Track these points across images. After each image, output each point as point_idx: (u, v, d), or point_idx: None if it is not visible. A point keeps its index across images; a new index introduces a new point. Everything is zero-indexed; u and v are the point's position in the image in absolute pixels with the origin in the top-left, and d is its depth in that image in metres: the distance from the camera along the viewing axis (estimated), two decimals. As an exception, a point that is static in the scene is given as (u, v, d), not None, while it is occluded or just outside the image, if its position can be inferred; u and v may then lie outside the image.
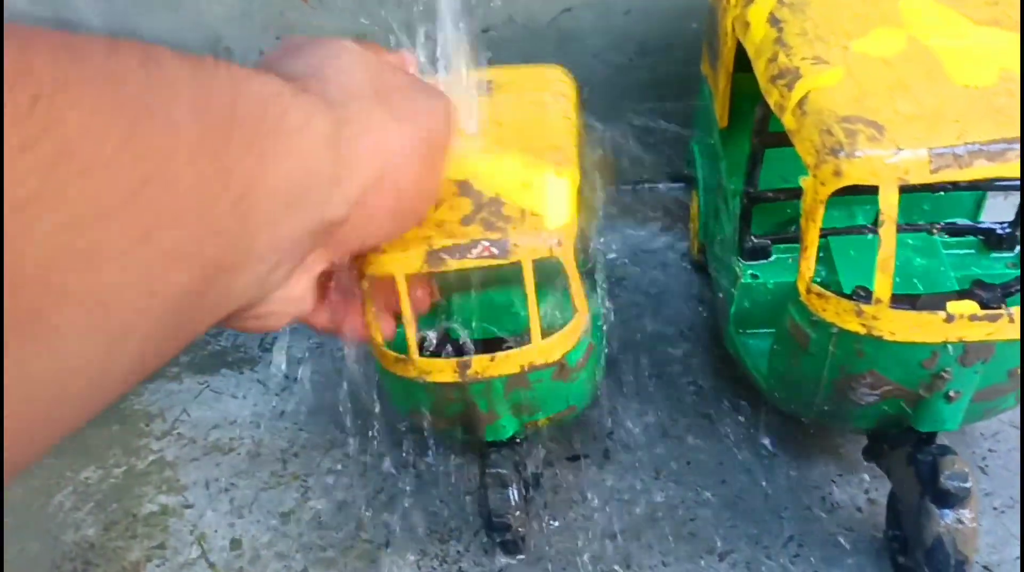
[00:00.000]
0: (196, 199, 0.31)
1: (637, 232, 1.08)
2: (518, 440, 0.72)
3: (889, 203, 0.56)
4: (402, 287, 0.57)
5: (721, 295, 0.83)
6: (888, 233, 0.56)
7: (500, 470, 0.70)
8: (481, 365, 0.62)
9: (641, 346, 0.94)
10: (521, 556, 0.78)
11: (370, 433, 0.86)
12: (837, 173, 0.56)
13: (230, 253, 0.34)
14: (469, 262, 0.58)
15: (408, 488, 0.82)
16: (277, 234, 0.37)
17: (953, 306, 0.58)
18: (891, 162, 0.56)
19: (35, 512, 0.84)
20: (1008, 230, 0.76)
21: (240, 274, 0.36)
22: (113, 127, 0.27)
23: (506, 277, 0.64)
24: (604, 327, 0.73)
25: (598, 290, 0.80)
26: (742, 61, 0.74)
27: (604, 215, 1.10)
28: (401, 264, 0.57)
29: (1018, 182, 0.59)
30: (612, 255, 1.05)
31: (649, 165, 1.13)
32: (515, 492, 0.71)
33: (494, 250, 0.58)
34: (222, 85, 0.33)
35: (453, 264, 0.57)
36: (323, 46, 0.48)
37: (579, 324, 0.64)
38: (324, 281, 0.51)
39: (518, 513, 0.72)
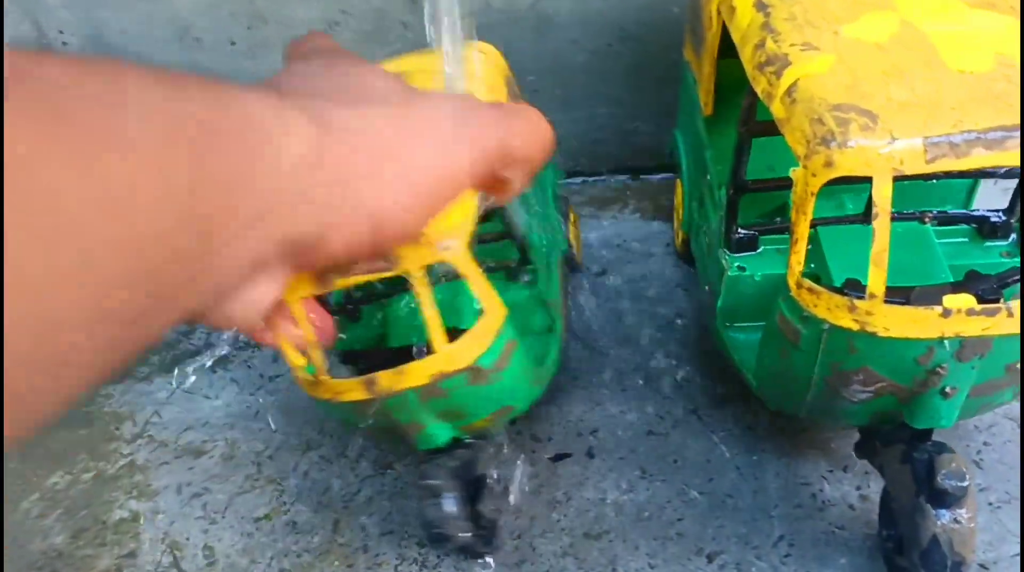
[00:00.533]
0: (151, 224, 0.29)
1: (620, 222, 1.05)
2: (464, 443, 0.69)
3: (883, 195, 0.53)
4: (298, 312, 0.54)
5: (707, 288, 0.80)
6: (882, 226, 0.53)
7: (430, 481, 0.67)
8: (388, 380, 0.59)
9: (625, 340, 0.92)
10: (489, 560, 0.76)
11: (347, 433, 0.84)
12: (829, 164, 0.54)
13: (186, 271, 0.32)
14: (357, 278, 0.55)
15: (387, 490, 0.80)
16: (239, 252, 0.35)
17: (950, 300, 0.56)
18: (885, 152, 0.53)
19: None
20: (1002, 218, 0.74)
21: (196, 288, 0.34)
22: (61, 153, 0.26)
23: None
24: (565, 316, 0.70)
25: (559, 279, 0.77)
26: (727, 47, 0.72)
27: (586, 205, 1.08)
28: (291, 288, 0.53)
29: (1016, 170, 0.56)
30: (594, 246, 1.02)
31: (631, 153, 1.10)
32: (451, 502, 0.68)
33: (379, 262, 0.54)
34: (197, 108, 0.31)
35: (339, 282, 0.53)
36: (357, 65, 0.44)
37: (488, 326, 0.60)
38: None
39: (458, 522, 0.69)
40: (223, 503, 0.81)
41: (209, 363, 0.93)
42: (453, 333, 0.61)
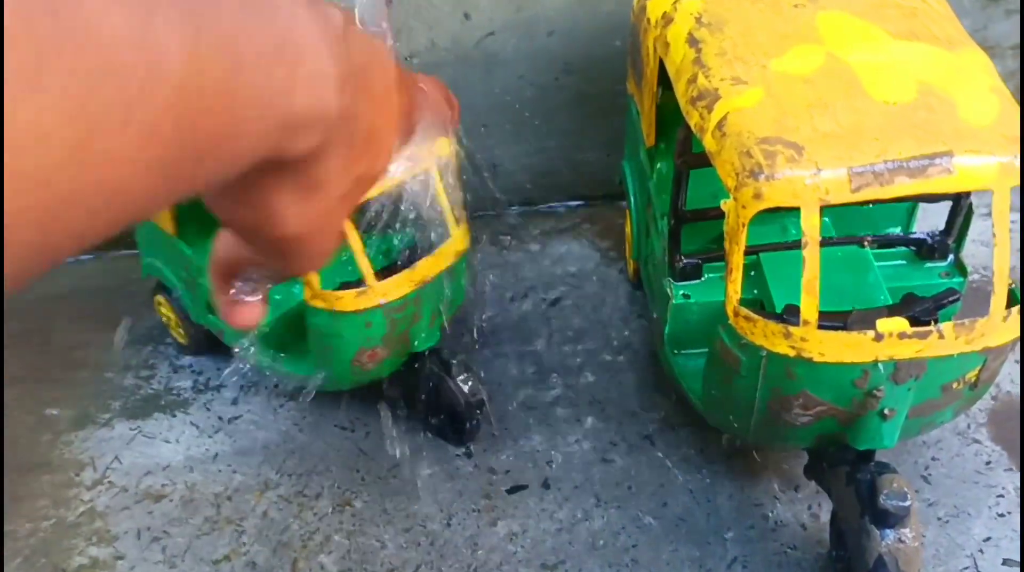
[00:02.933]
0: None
1: (573, 251, 1.07)
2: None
3: (811, 224, 0.55)
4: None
5: (655, 316, 0.82)
6: (812, 254, 0.55)
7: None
8: (426, 266, 0.74)
9: (578, 369, 0.93)
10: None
11: (303, 472, 0.84)
12: (757, 196, 0.55)
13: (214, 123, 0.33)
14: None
15: (344, 527, 0.80)
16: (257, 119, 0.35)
17: (883, 324, 0.57)
18: (811, 183, 0.55)
19: (-40, 571, 0.81)
20: (939, 239, 0.76)
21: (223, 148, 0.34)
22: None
23: None
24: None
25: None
26: (666, 77, 0.73)
27: (540, 235, 1.10)
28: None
29: (944, 196, 0.58)
30: (548, 275, 1.03)
31: (582, 182, 1.12)
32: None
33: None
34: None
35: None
36: None
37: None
38: None
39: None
40: (183, 546, 0.81)
41: (169, 407, 0.93)
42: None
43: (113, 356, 0.98)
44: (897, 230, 0.80)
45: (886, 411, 0.61)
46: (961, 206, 0.73)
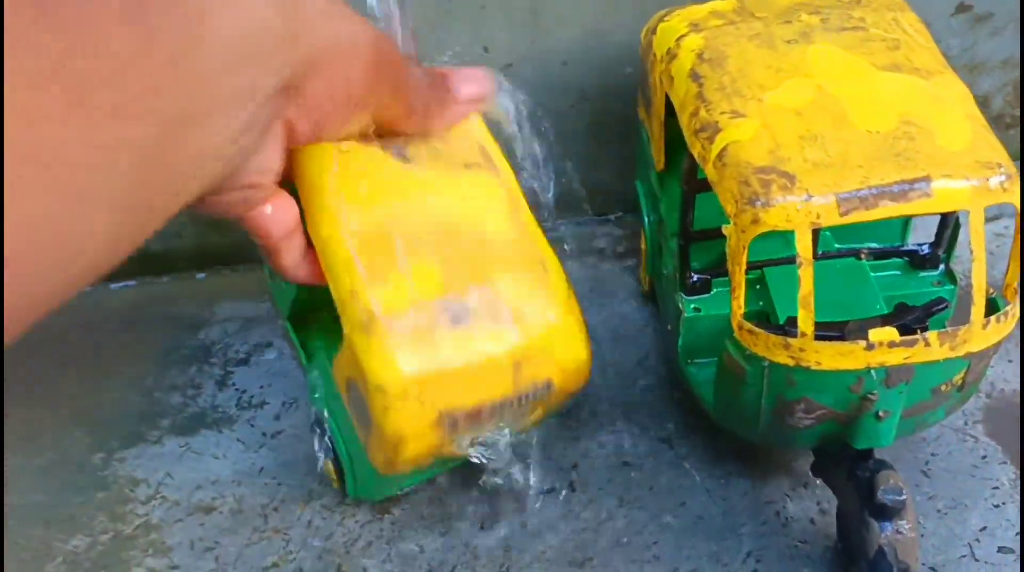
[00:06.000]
0: (128, 61, 0.31)
1: (591, 266, 1.12)
2: None
3: (804, 246, 0.61)
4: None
5: (669, 328, 0.87)
6: (806, 273, 0.61)
7: None
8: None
9: (602, 377, 0.99)
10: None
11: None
12: (755, 221, 0.61)
13: (185, 105, 0.34)
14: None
15: (384, 534, 0.86)
16: (234, 86, 0.36)
17: (874, 334, 0.63)
18: (803, 209, 0.61)
19: (28, 583, 0.87)
20: (929, 251, 0.81)
21: (204, 128, 0.35)
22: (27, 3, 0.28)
23: None
24: None
25: None
26: (673, 108, 0.79)
27: (560, 253, 1.15)
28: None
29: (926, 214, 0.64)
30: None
31: (599, 202, 1.18)
32: None
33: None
34: None
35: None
36: None
37: None
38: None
39: None
40: (234, 555, 0.87)
41: (215, 424, 0.99)
42: None
43: (159, 378, 1.04)
44: (894, 242, 0.86)
45: (880, 413, 0.67)
46: (948, 220, 0.79)
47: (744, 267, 0.64)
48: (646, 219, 0.97)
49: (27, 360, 1.05)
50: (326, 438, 0.80)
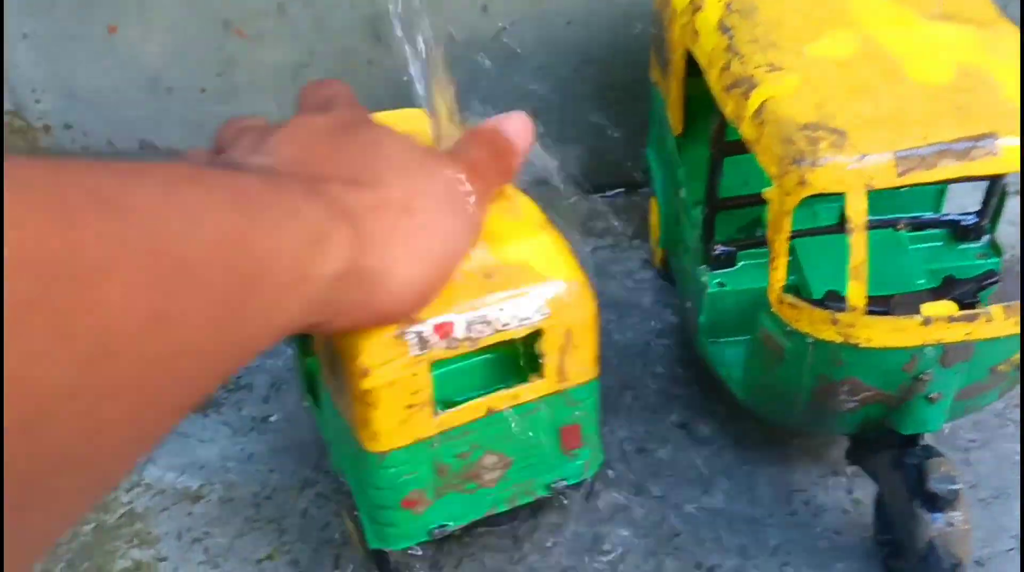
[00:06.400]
0: (205, 340, 0.32)
1: (597, 242, 1.07)
2: None
3: (857, 210, 0.55)
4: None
5: (688, 305, 0.81)
6: (859, 240, 0.55)
7: None
8: None
9: (610, 359, 0.93)
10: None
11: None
12: (802, 183, 0.55)
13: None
14: None
15: (386, 525, 0.81)
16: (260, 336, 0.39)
17: (929, 308, 0.57)
18: (856, 168, 0.54)
19: (3, 578, 0.81)
20: (974, 221, 0.76)
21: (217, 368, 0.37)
22: (127, 261, 0.28)
23: None
24: None
25: None
26: (693, 65, 0.73)
27: (562, 225, 1.09)
28: None
29: (987, 178, 0.58)
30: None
31: (604, 173, 1.12)
32: None
33: None
34: (254, 227, 0.35)
35: None
36: (361, 130, 0.48)
37: None
38: None
39: None
40: (224, 546, 0.81)
41: (200, 407, 0.93)
42: None
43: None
44: (928, 212, 0.80)
45: (933, 395, 0.61)
46: (996, 186, 0.73)
47: (787, 234, 0.58)
48: (659, 189, 0.91)
49: None
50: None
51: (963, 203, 0.80)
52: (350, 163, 0.45)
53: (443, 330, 0.57)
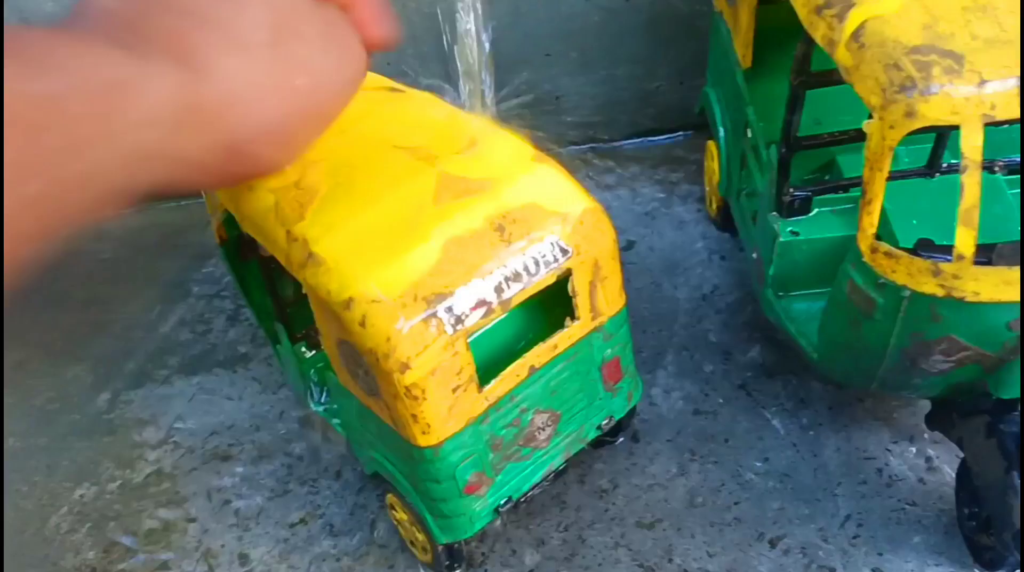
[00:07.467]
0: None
1: (646, 189, 1.00)
2: None
3: (972, 145, 0.48)
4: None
5: (755, 255, 0.75)
6: (972, 180, 0.48)
7: None
8: None
9: (663, 316, 0.87)
10: (536, 554, 0.71)
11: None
12: (910, 114, 0.49)
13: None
14: None
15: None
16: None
17: (1045, 258, 0.51)
18: (973, 97, 0.48)
19: (30, 537, 0.76)
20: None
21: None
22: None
23: None
24: None
25: None
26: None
27: (608, 172, 1.03)
28: None
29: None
30: (619, 217, 0.97)
31: (655, 114, 1.05)
32: None
33: None
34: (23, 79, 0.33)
35: None
36: None
37: None
38: None
39: None
40: (255, 508, 0.76)
41: (228, 363, 0.88)
42: None
43: (164, 312, 0.93)
44: (1016, 154, 0.73)
45: (1038, 356, 0.55)
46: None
47: (887, 174, 0.52)
48: (721, 130, 0.85)
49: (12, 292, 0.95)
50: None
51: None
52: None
53: (474, 300, 0.52)
